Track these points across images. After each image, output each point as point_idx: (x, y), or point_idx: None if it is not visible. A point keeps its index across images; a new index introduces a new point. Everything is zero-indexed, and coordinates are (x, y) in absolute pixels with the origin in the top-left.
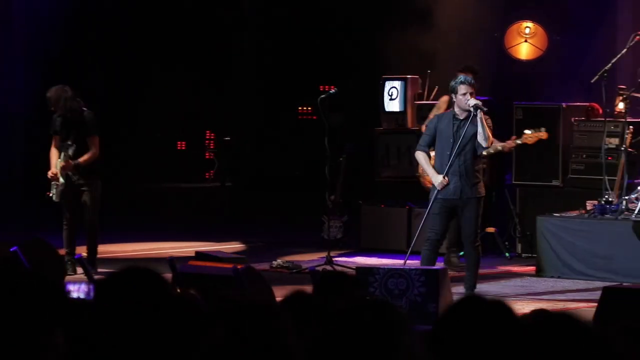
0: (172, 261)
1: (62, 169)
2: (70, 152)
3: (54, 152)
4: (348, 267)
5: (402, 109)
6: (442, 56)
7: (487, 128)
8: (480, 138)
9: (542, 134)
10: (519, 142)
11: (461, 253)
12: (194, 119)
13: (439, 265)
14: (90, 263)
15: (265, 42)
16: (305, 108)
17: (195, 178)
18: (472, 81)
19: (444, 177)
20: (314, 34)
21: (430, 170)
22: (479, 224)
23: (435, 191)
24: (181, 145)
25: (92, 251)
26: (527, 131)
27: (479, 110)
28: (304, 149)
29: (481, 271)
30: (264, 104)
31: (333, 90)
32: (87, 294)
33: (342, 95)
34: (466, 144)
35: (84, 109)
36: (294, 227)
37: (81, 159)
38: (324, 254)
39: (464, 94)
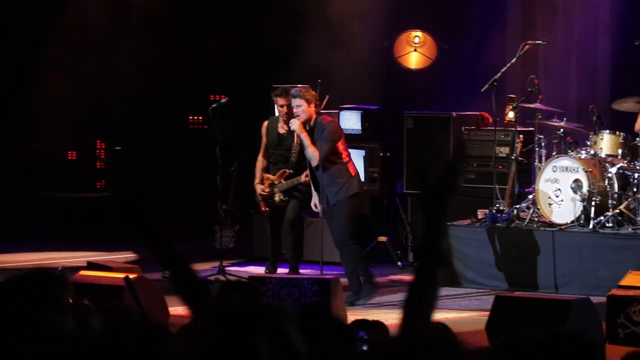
0: (63, 271)
1: None
2: None
3: None
4: (240, 277)
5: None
6: (332, 64)
7: (309, 147)
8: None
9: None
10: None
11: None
12: (84, 128)
13: (332, 274)
14: None
15: (155, 50)
16: (196, 117)
17: (86, 187)
18: (299, 96)
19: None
20: (204, 42)
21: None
22: (348, 224)
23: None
24: (72, 154)
25: None
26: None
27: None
28: (196, 158)
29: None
30: (155, 113)
31: (224, 100)
32: None
33: (233, 104)
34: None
35: None
36: (186, 236)
37: None
38: (216, 264)
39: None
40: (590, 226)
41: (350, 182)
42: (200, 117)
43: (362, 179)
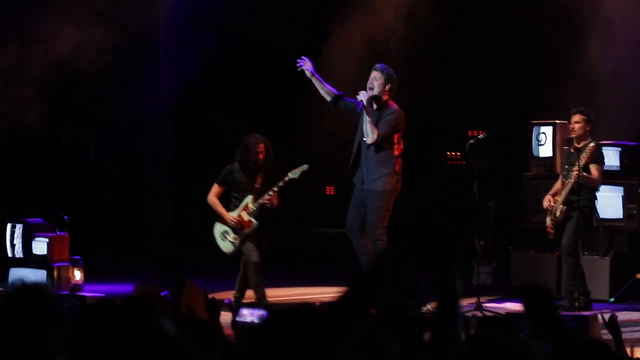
0: (322, 307)
1: (260, 206)
2: (266, 197)
3: (217, 201)
4: (497, 313)
5: (551, 154)
6: (590, 101)
7: (369, 123)
8: (363, 133)
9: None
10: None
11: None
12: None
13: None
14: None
15: (411, 87)
16: (453, 153)
17: (344, 223)
18: (381, 70)
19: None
20: (460, 78)
21: None
22: (383, 218)
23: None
24: (330, 190)
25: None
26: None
27: (363, 104)
28: (453, 194)
29: (632, 317)
30: (413, 149)
31: (481, 135)
32: (260, 318)
33: (491, 140)
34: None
35: None
36: None
37: (275, 201)
38: (473, 300)
39: (368, 82)
40: None
41: (390, 177)
42: (458, 153)
43: (620, 215)
